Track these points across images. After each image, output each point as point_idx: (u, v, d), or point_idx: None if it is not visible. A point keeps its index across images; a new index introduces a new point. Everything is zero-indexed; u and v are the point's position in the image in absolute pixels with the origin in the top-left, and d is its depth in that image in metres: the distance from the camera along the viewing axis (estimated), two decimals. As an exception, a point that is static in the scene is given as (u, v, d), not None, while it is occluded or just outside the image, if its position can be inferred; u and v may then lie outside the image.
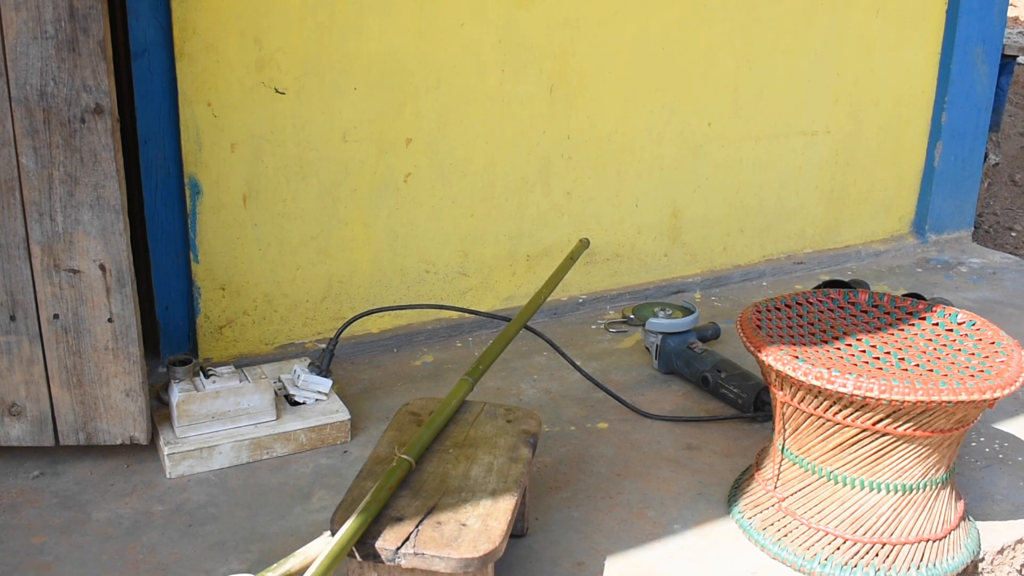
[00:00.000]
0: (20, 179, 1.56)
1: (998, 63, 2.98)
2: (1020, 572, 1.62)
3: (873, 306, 1.67)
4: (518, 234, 2.41)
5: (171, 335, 2.09)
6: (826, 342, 1.55)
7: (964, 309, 1.62)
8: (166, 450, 1.70)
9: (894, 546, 1.46)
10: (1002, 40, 2.97)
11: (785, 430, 1.51)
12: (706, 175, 2.61)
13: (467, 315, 2.31)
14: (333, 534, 1.29)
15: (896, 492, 1.44)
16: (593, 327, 2.40)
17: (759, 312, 1.61)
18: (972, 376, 1.42)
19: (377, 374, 2.14)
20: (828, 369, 1.38)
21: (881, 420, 1.38)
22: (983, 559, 1.57)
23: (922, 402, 1.34)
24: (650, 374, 2.15)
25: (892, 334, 1.59)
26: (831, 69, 2.71)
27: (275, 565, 1.33)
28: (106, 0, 1.56)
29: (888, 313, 1.65)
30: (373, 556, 1.27)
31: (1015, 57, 3.44)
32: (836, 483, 1.46)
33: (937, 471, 1.45)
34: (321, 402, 1.88)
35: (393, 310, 2.19)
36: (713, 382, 2.00)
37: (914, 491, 1.45)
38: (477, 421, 1.58)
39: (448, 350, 2.28)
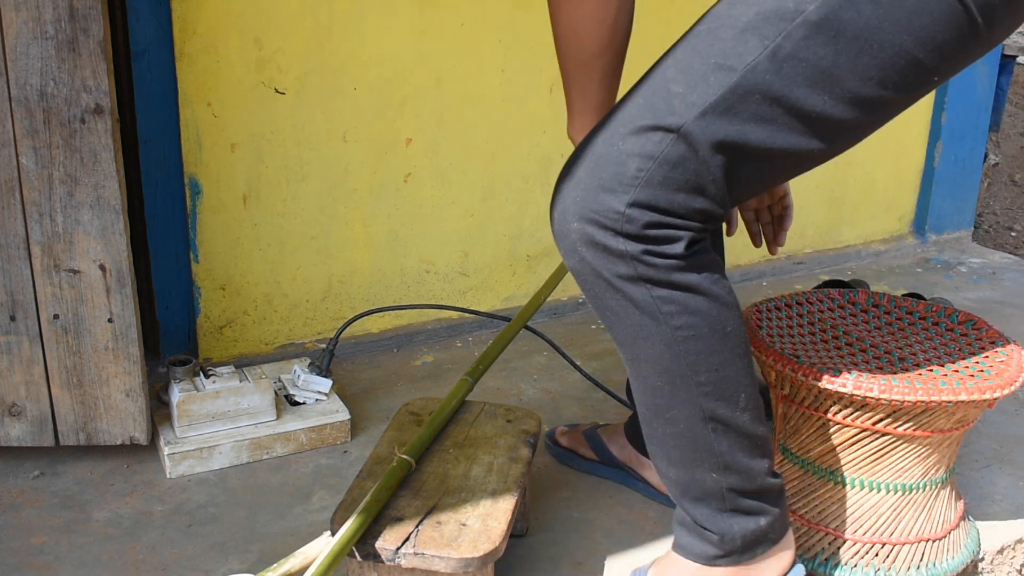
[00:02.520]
0: (20, 179, 1.56)
1: (998, 63, 2.98)
2: (1020, 572, 1.62)
3: (873, 306, 1.67)
4: (518, 234, 2.41)
5: (171, 335, 2.09)
6: (826, 342, 1.55)
7: (964, 309, 1.62)
8: (166, 450, 1.71)
9: (894, 546, 1.46)
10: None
11: (785, 430, 1.51)
12: (706, 175, 2.61)
13: (467, 315, 2.31)
14: (333, 534, 1.29)
15: (896, 492, 1.44)
16: (593, 327, 2.41)
17: (759, 312, 1.61)
18: (972, 376, 1.42)
19: (377, 374, 2.14)
20: (828, 369, 1.38)
21: (881, 420, 1.38)
22: (983, 559, 1.57)
23: (922, 402, 1.34)
24: (650, 374, 2.15)
25: (892, 334, 1.59)
26: (831, 69, 2.71)
27: (275, 565, 1.33)
28: (106, 0, 1.57)
29: (888, 313, 1.65)
30: (373, 556, 1.27)
31: (1015, 57, 3.43)
32: (836, 483, 1.46)
33: (937, 471, 1.45)
34: (321, 402, 1.88)
35: (393, 310, 2.19)
36: None
37: (914, 491, 1.45)
38: (477, 421, 1.58)
39: (448, 350, 2.28)
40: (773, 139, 1.07)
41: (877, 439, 1.41)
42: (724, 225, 1.47)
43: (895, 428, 1.38)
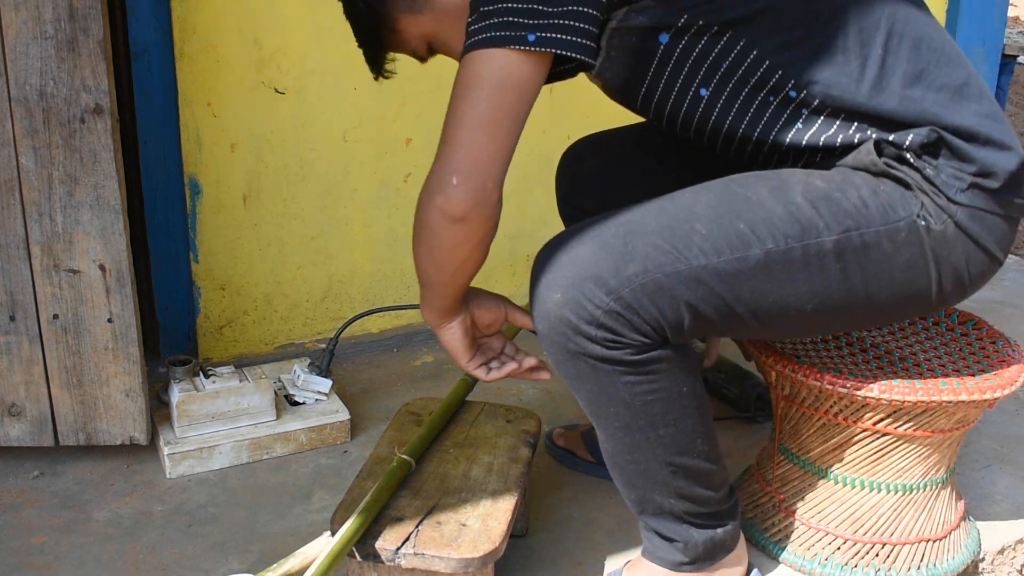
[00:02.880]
0: (20, 179, 1.56)
1: (998, 63, 2.98)
2: (1020, 572, 1.62)
3: (873, 306, 1.67)
4: (518, 234, 2.41)
5: (171, 335, 2.09)
6: (826, 342, 1.55)
7: (964, 309, 1.62)
8: (166, 450, 1.70)
9: (894, 546, 1.46)
10: (1002, 40, 2.96)
11: (785, 430, 1.51)
12: (706, 175, 2.61)
13: (467, 315, 2.31)
14: (333, 534, 1.29)
15: (896, 492, 1.44)
16: (593, 327, 2.40)
17: (759, 312, 1.61)
18: (972, 376, 1.42)
19: (377, 374, 2.14)
20: (828, 369, 1.38)
21: (881, 420, 1.38)
22: (983, 559, 1.57)
23: (922, 402, 1.34)
24: (650, 374, 2.15)
25: (892, 334, 1.59)
26: (831, 69, 2.71)
27: (275, 565, 1.33)
28: (106, 0, 1.56)
29: (888, 313, 1.65)
30: (373, 556, 1.27)
31: (1015, 57, 3.44)
32: (836, 483, 1.46)
33: (937, 471, 1.45)
34: (321, 402, 1.88)
35: (393, 310, 2.19)
36: (713, 382, 2.00)
37: (914, 491, 1.45)
38: (477, 421, 1.58)
39: (448, 350, 2.28)
40: (746, 316, 1.21)
41: (877, 439, 1.40)
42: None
43: (895, 428, 1.38)
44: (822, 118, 1.24)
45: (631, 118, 2.62)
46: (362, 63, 2.10)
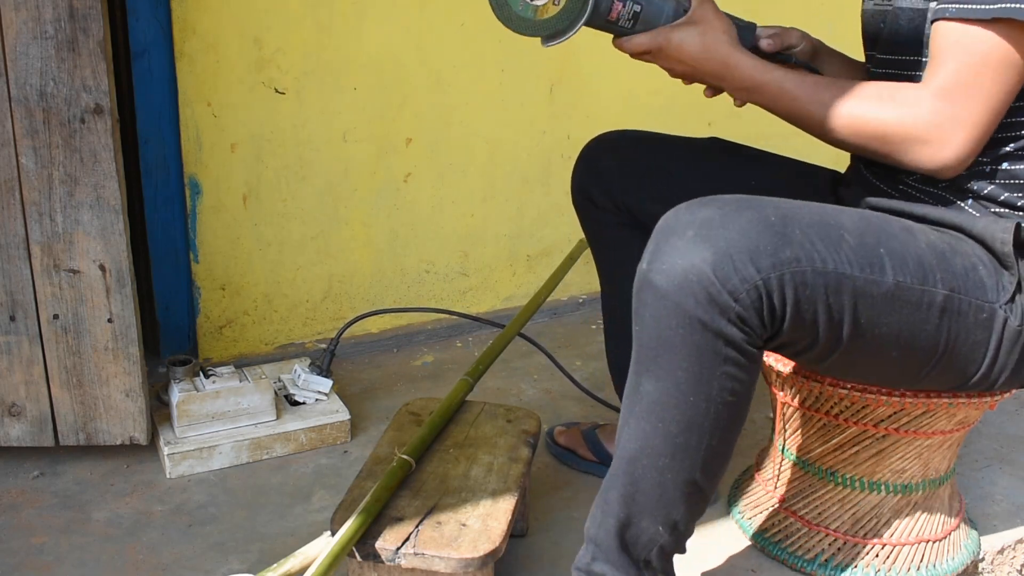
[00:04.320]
0: (20, 179, 1.56)
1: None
2: (1020, 572, 1.62)
3: (873, 306, 1.67)
4: (518, 234, 2.41)
5: (171, 335, 2.09)
6: (826, 342, 1.55)
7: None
8: (166, 450, 1.70)
9: (894, 546, 1.46)
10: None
11: (785, 430, 1.51)
12: (706, 175, 2.61)
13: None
14: (333, 534, 1.29)
15: (896, 492, 1.44)
16: (593, 327, 2.40)
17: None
18: (972, 376, 1.42)
19: (377, 374, 2.14)
20: (828, 369, 1.38)
21: (881, 421, 1.38)
22: (983, 559, 1.57)
23: (923, 403, 1.34)
24: (650, 374, 2.15)
25: (892, 334, 1.58)
26: (831, 69, 2.71)
27: (275, 565, 1.33)
28: (106, 0, 1.56)
29: (888, 313, 1.65)
30: (373, 556, 1.27)
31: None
32: (836, 483, 1.46)
33: (937, 472, 1.45)
34: (321, 402, 1.88)
35: (393, 312, 2.19)
36: None
37: (914, 491, 1.45)
38: (477, 421, 1.58)
39: (448, 350, 2.28)
40: (845, 339, 1.18)
41: (878, 440, 1.40)
42: None
43: (896, 429, 1.38)
44: (1007, 181, 1.27)
45: (628, 120, 2.61)
46: (362, 63, 2.11)
